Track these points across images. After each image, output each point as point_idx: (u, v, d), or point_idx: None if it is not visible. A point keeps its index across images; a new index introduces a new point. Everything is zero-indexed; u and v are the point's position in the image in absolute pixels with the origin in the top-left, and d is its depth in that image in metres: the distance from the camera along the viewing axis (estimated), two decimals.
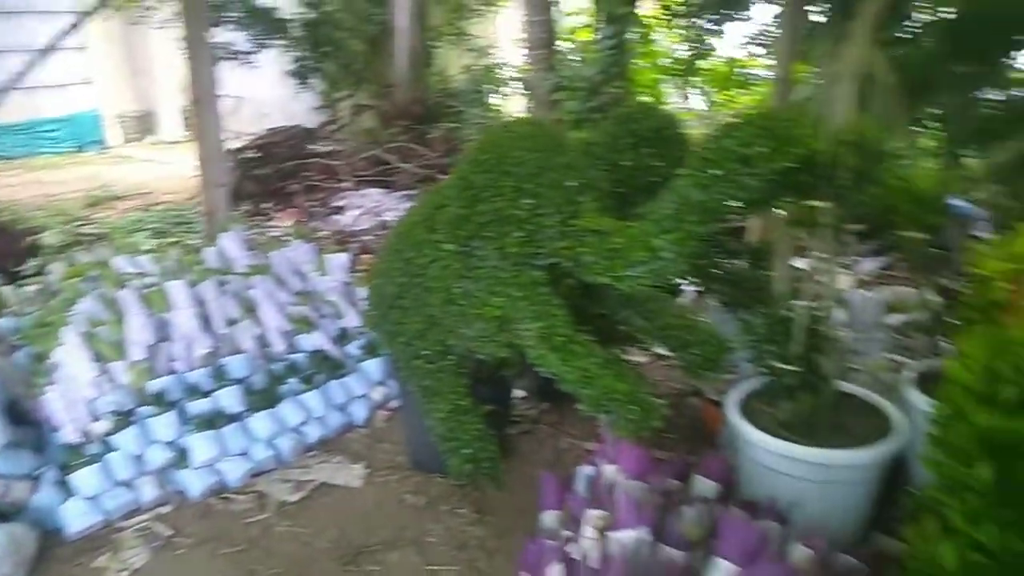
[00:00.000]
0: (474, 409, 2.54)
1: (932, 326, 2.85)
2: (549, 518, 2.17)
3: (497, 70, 7.72)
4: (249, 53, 7.73)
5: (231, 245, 3.69)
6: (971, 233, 3.16)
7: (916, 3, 2.57)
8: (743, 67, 6.97)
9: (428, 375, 2.56)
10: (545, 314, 2.27)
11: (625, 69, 6.37)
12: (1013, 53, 2.71)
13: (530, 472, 2.82)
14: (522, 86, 7.33)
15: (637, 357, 3.97)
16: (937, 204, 2.50)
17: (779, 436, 2.37)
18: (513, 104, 7.91)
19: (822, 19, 2.25)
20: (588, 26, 6.82)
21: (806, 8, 2.25)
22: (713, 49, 6.57)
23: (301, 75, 8.05)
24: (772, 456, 2.37)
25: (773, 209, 2.30)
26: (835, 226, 2.13)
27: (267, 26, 7.61)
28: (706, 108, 8.07)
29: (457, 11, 7.72)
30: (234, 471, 2.81)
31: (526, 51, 6.89)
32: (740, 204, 2.01)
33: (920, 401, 2.53)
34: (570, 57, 6.69)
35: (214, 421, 2.88)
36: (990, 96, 3.52)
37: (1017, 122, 2.38)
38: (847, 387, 2.66)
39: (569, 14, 7.17)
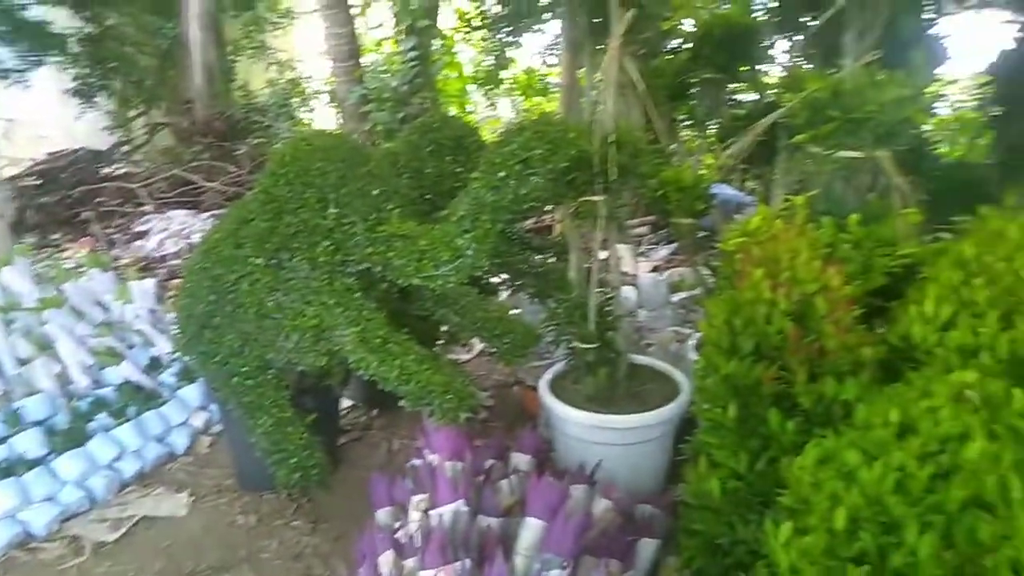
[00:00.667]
0: (298, 419, 2.56)
1: (706, 299, 3.28)
2: (382, 515, 2.27)
3: (303, 83, 7.61)
4: (20, 71, 7.03)
5: (16, 279, 3.40)
6: (733, 216, 3.66)
7: (665, 18, 2.96)
8: (543, 76, 7.43)
9: (248, 392, 2.55)
10: (360, 319, 2.36)
11: (431, 80, 6.55)
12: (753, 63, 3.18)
13: (363, 476, 2.87)
14: (330, 99, 7.30)
15: (463, 356, 4.16)
16: (701, 193, 2.88)
17: (584, 408, 2.63)
18: (322, 117, 7.83)
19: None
20: (391, 38, 6.94)
21: (577, 20, 2.51)
22: (514, 60, 6.95)
23: (84, 94, 7.44)
24: (580, 427, 2.63)
25: (560, 205, 2.56)
26: (611, 217, 2.41)
27: (37, 41, 6.96)
28: (514, 115, 8.50)
29: (255, 23, 7.52)
30: (40, 518, 2.62)
31: (331, 64, 6.88)
32: (529, 202, 2.24)
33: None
34: (378, 69, 6.76)
35: (12, 469, 2.67)
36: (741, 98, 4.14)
37: (756, 117, 2.81)
38: (641, 359, 3.00)
39: (374, 27, 7.24)
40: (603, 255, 2.57)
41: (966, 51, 2.89)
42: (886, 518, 1.26)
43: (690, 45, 3.11)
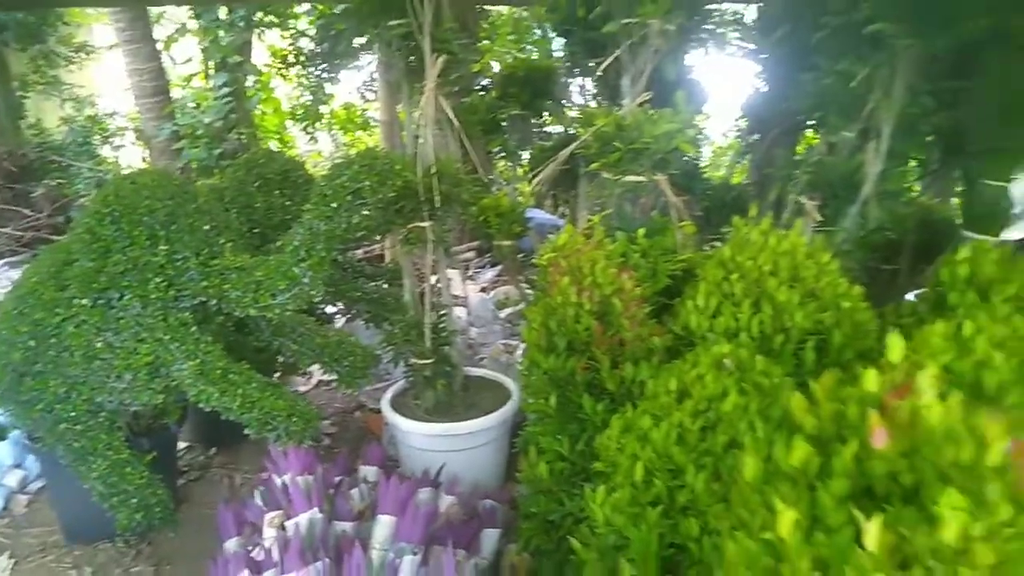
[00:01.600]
0: (135, 459, 2.52)
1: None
2: (231, 544, 2.30)
3: (105, 121, 7.18)
4: None
5: None
6: (547, 236, 4.05)
7: (475, 61, 3.27)
8: (362, 111, 7.58)
9: (79, 437, 2.47)
10: (198, 351, 2.39)
11: (247, 116, 6.49)
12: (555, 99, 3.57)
13: (206, 514, 2.85)
14: (136, 136, 6.96)
15: (301, 387, 4.18)
16: (518, 217, 3.20)
17: (425, 420, 2.82)
18: (128, 155, 7.43)
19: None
20: (200, 73, 6.78)
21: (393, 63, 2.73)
22: (332, 95, 7.05)
23: None
24: (423, 438, 2.82)
25: (390, 232, 2.75)
26: (439, 241, 2.65)
27: None
28: (335, 150, 8.54)
29: (45, 58, 7.01)
30: None
31: (136, 100, 6.60)
32: (361, 229, 2.42)
33: None
34: (189, 105, 6.57)
35: None
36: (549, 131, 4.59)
37: (559, 148, 3.18)
38: (474, 371, 3.25)
39: (182, 62, 7.03)
40: (434, 277, 2.78)
41: (728, 91, 3.46)
42: (672, 466, 1.58)
43: (497, 85, 3.44)
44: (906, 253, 2.99)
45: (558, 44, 3.84)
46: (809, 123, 2.48)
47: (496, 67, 3.35)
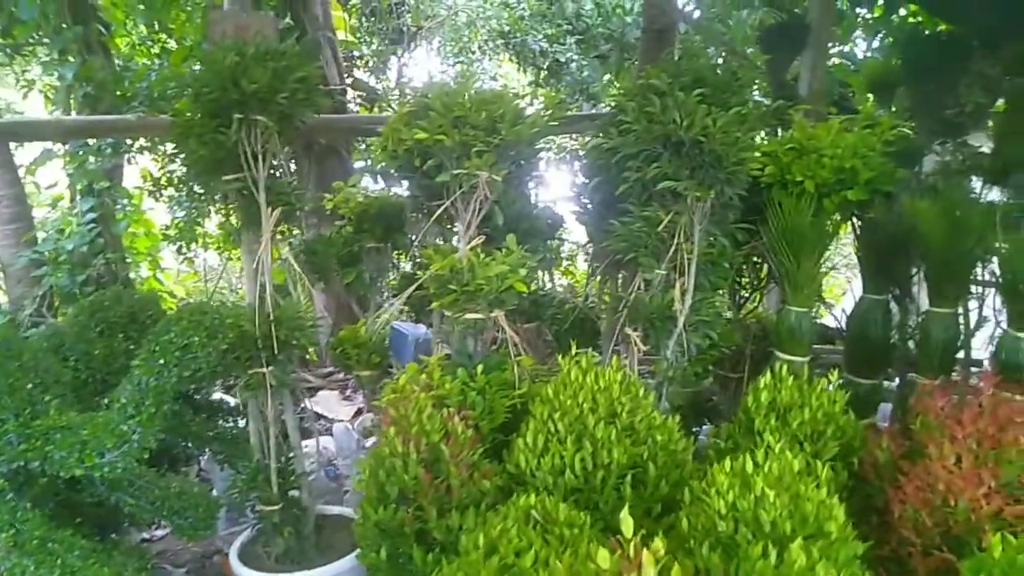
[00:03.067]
0: None
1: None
2: None
3: None
4: None
5: None
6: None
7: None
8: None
9: None
10: (14, 521, 2.26)
11: (116, 240, 6.33)
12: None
13: None
14: None
15: (157, 532, 3.94)
16: (375, 347, 3.26)
17: (273, 571, 2.73)
18: None
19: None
20: (65, 196, 6.62)
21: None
22: (207, 214, 7.00)
23: None
24: None
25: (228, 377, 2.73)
26: (280, 385, 2.65)
27: None
28: (210, 270, 8.39)
29: None
30: None
31: None
32: (195, 381, 2.41)
33: None
34: (50, 229, 6.35)
35: None
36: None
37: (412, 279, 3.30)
38: (333, 509, 3.19)
39: (48, 187, 6.84)
40: (287, 416, 2.77)
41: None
42: None
43: (353, 219, 3.57)
44: (749, 362, 3.24)
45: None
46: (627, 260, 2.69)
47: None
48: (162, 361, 2.27)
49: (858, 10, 5.63)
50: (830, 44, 4.73)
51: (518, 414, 2.53)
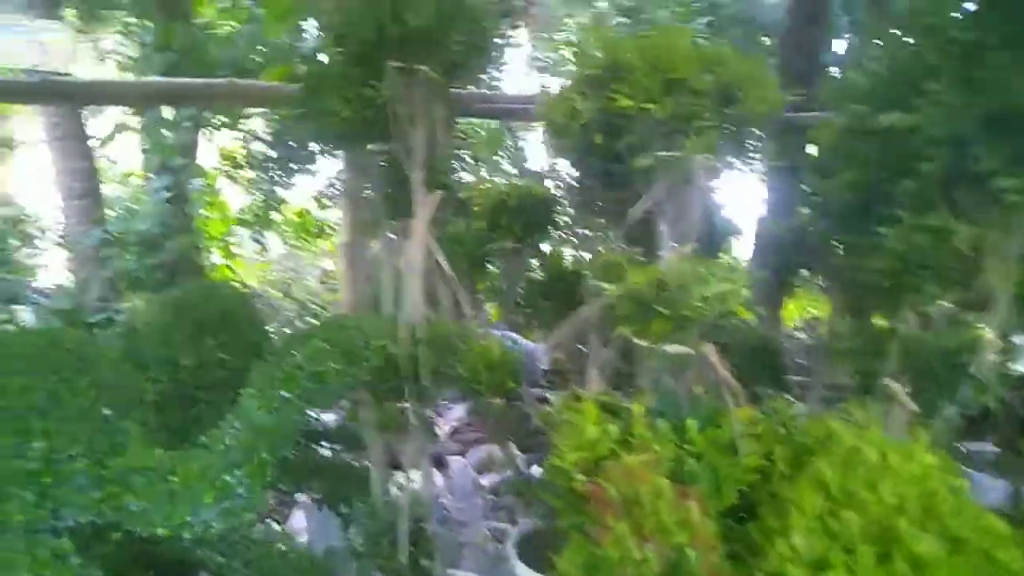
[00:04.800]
0: None
1: (521, 484, 2.95)
2: None
3: (23, 222, 6.44)
4: None
5: None
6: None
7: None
8: (318, 220, 7.03)
9: None
10: None
11: (189, 222, 5.84)
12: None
13: None
14: (61, 242, 6.23)
15: None
16: (511, 369, 2.61)
17: None
18: (50, 261, 6.66)
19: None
20: (140, 173, 6.17)
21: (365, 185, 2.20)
22: (285, 200, 6.50)
23: None
24: None
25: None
26: (420, 426, 2.02)
27: None
28: (285, 254, 7.91)
29: None
30: None
31: (63, 201, 5.91)
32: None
33: (524, 573, 2.52)
34: (120, 208, 5.91)
35: None
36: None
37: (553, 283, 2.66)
38: (457, 575, 2.55)
39: (115, 162, 6.41)
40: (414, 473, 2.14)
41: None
42: None
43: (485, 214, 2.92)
44: None
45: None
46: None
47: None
48: (284, 393, 1.65)
49: None
50: None
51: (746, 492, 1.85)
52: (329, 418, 3.25)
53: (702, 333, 1.98)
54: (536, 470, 3.16)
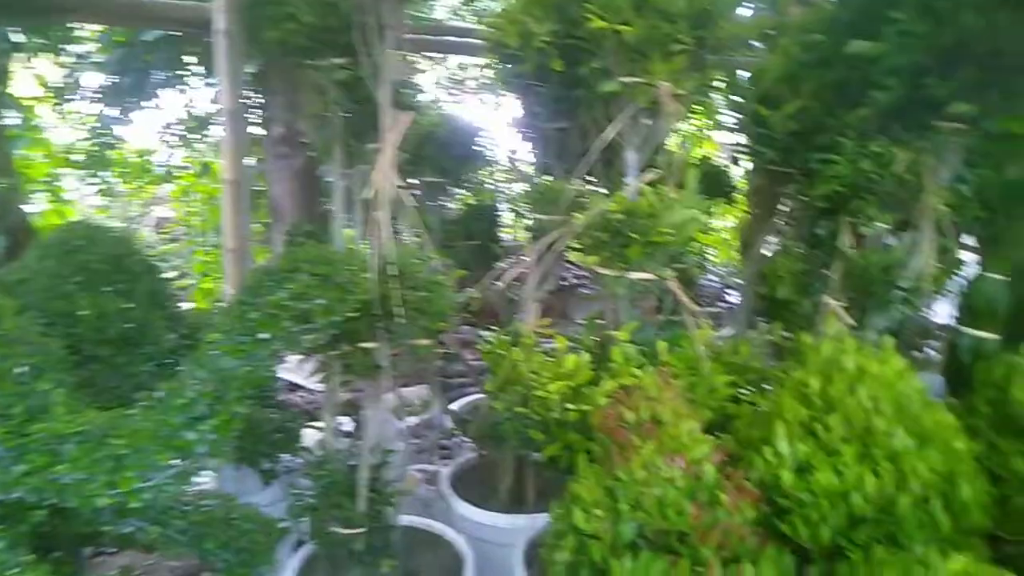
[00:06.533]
0: None
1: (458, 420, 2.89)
2: None
3: None
4: None
5: None
6: None
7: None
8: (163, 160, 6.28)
9: None
10: None
11: (7, 161, 5.02)
12: None
13: None
14: None
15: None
16: (442, 309, 2.52)
17: None
18: None
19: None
20: None
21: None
22: (122, 139, 5.74)
23: None
24: None
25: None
26: (392, 366, 1.89)
27: None
28: (112, 200, 7.02)
29: None
30: None
31: None
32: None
33: (468, 512, 2.48)
34: None
35: None
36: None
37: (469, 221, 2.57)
38: (404, 520, 2.45)
39: None
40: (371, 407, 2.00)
41: None
42: None
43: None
44: None
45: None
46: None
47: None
48: (262, 335, 1.47)
49: None
50: None
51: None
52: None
53: (671, 258, 2.00)
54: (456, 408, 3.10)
